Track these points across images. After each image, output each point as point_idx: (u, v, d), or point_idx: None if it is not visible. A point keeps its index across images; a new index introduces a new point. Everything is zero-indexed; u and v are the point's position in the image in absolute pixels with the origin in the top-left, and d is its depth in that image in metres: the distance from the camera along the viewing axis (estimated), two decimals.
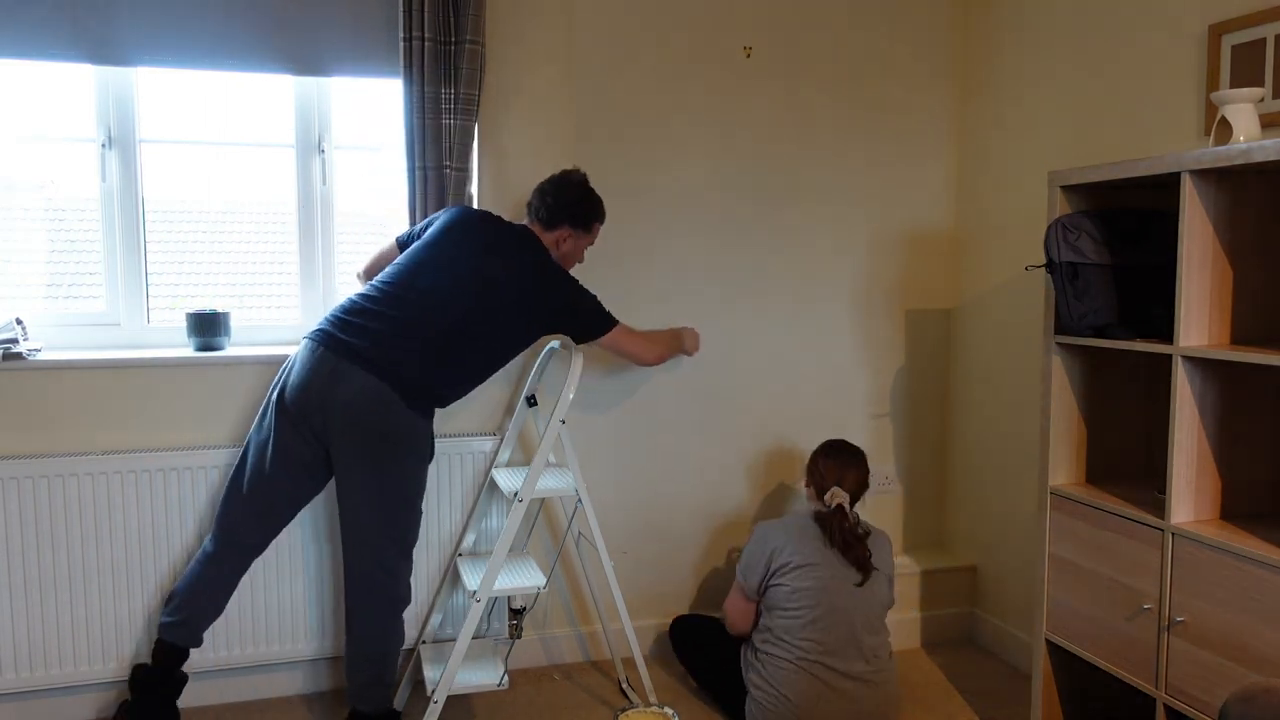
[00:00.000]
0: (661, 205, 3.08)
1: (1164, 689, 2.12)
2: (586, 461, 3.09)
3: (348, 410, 2.29)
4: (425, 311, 2.35)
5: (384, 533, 2.36)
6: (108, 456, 2.61)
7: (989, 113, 3.19)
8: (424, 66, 2.70)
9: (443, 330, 2.36)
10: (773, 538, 2.57)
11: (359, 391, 2.29)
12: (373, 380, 2.29)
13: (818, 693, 2.44)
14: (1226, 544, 1.97)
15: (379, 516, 2.35)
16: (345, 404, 2.30)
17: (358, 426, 2.30)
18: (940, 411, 3.43)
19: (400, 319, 2.35)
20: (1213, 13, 2.39)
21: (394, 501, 2.36)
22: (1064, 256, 2.28)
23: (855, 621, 2.47)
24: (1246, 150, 1.87)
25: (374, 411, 2.29)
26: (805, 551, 2.51)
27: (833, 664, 2.45)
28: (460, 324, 2.37)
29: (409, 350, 2.33)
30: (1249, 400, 2.14)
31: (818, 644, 2.45)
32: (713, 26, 3.07)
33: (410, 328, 2.34)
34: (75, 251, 2.79)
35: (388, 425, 2.30)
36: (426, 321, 2.35)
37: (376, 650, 2.42)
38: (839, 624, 2.46)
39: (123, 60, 2.64)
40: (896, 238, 3.32)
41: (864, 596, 2.50)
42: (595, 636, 3.14)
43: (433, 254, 2.44)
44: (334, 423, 2.31)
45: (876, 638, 2.51)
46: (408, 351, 2.33)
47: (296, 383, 2.35)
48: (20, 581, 2.57)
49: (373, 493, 2.34)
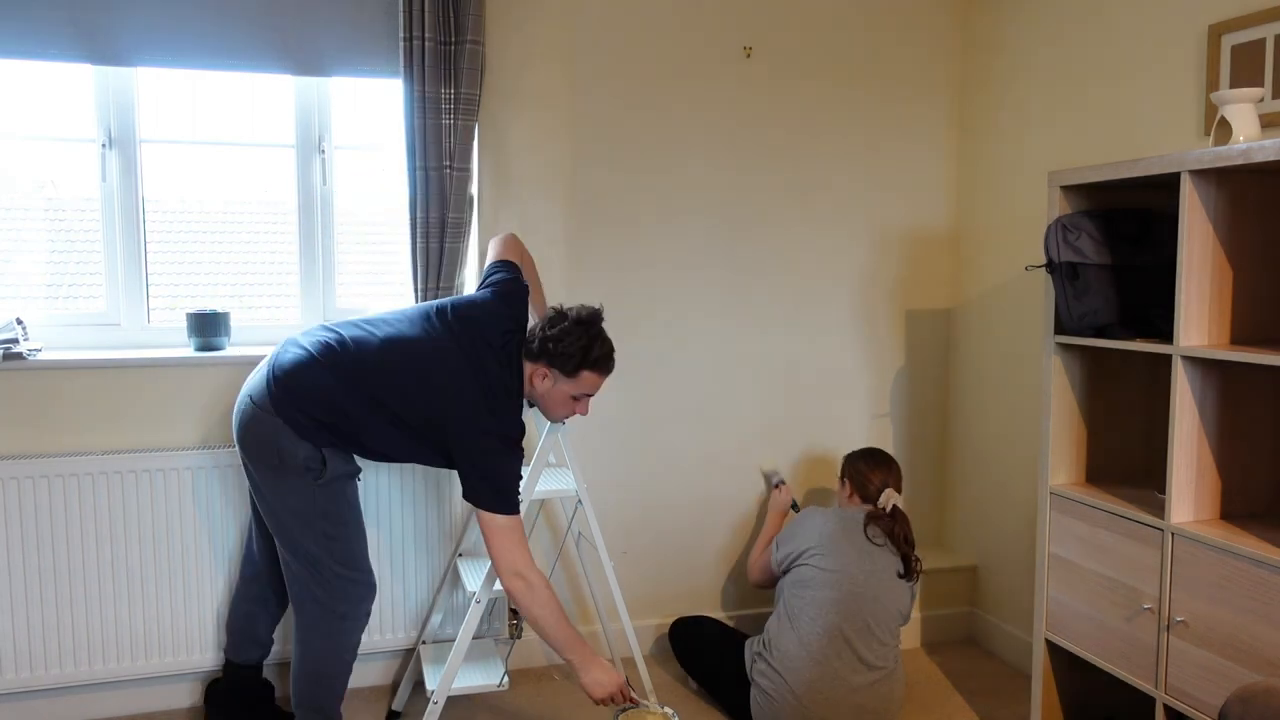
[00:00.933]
0: (661, 205, 3.08)
1: (1164, 689, 2.12)
2: (586, 462, 3.09)
3: (239, 407, 2.30)
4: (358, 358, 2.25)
5: (291, 552, 2.31)
6: (108, 456, 2.61)
7: (989, 113, 3.19)
8: (424, 66, 2.70)
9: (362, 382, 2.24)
10: (818, 526, 2.64)
11: (247, 392, 2.29)
12: (264, 384, 2.26)
13: (825, 685, 2.45)
14: (1226, 544, 1.97)
15: (280, 535, 2.31)
16: (240, 399, 2.31)
17: (237, 425, 2.30)
18: (940, 411, 3.43)
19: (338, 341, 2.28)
20: (1213, 13, 2.39)
21: (288, 520, 2.28)
22: (1064, 256, 2.28)
23: (870, 618, 2.52)
24: (1246, 150, 1.87)
25: (255, 420, 2.25)
26: (842, 545, 2.58)
27: (843, 656, 2.48)
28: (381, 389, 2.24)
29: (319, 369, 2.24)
30: (1249, 400, 2.14)
31: (832, 632, 2.49)
32: (713, 26, 3.07)
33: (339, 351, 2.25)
34: (75, 251, 2.79)
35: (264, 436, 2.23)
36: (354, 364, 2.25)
37: (305, 671, 2.37)
38: (856, 615, 2.51)
39: (123, 60, 2.64)
40: (896, 238, 3.32)
41: (885, 600, 2.55)
42: (595, 636, 3.14)
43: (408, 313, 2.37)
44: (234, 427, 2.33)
45: (885, 646, 2.53)
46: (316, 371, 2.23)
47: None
48: (20, 581, 2.57)
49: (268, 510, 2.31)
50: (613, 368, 2.37)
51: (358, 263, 3.00)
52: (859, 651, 2.49)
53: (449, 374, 2.25)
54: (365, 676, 2.93)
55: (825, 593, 2.53)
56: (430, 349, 2.27)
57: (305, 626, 2.34)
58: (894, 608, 2.57)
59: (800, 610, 2.55)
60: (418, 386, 2.24)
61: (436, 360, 2.26)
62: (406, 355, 2.26)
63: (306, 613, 2.33)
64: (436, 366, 2.25)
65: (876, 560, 2.58)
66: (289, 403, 2.22)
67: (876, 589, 2.55)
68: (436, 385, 2.25)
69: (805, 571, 2.59)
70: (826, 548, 2.59)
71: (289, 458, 2.23)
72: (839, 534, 2.61)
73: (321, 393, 2.23)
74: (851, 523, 2.64)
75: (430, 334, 2.30)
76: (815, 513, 2.70)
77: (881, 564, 2.58)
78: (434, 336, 2.30)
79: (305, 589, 2.32)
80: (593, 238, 3.03)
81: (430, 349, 2.27)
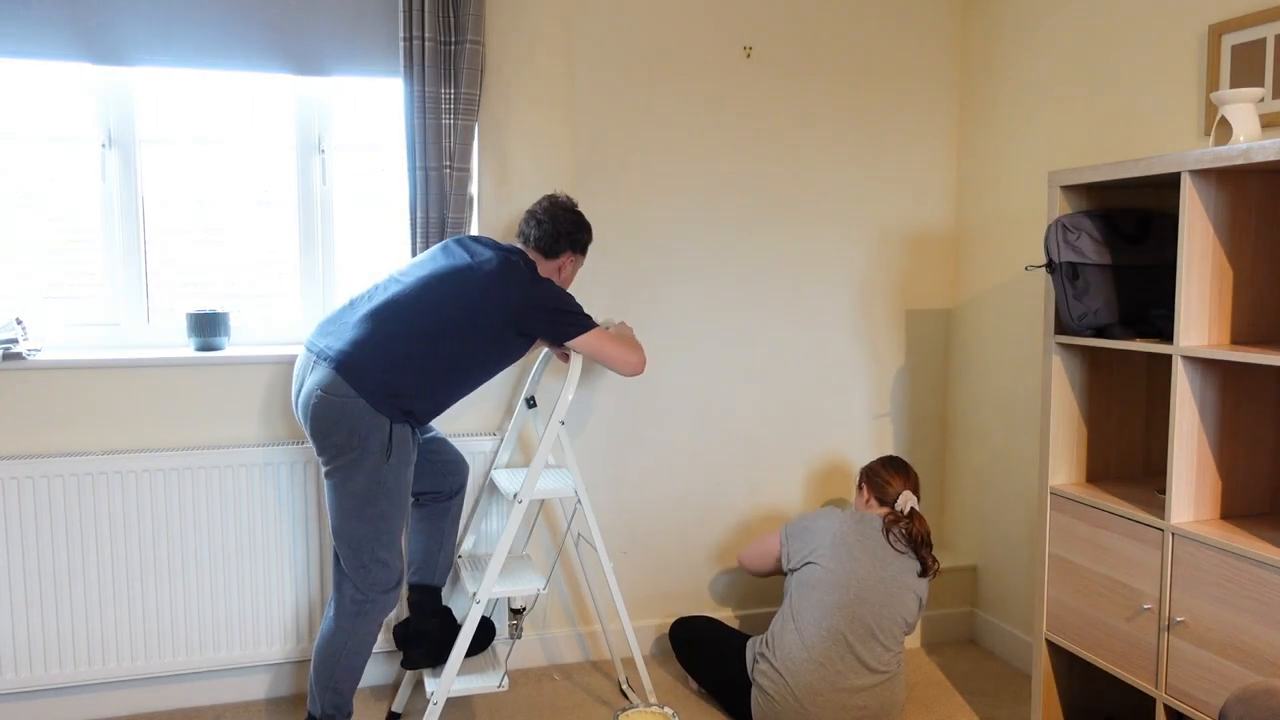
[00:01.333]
0: (661, 205, 3.08)
1: (1164, 689, 2.12)
2: (586, 462, 3.09)
3: (307, 403, 2.33)
4: (392, 309, 2.35)
5: (340, 531, 2.37)
6: (108, 456, 2.61)
7: (989, 113, 3.19)
8: (424, 66, 2.70)
9: (408, 329, 2.34)
10: (833, 527, 2.64)
11: (317, 384, 2.31)
12: (330, 373, 2.30)
13: (826, 687, 2.46)
14: (1226, 544, 1.96)
15: (334, 514, 2.37)
16: (306, 397, 2.33)
17: (313, 420, 2.31)
18: (940, 411, 3.43)
19: (367, 316, 2.35)
20: (1213, 13, 2.39)
21: (344, 500, 2.34)
22: (1064, 256, 2.28)
23: (874, 623, 2.52)
24: (1246, 150, 1.87)
25: (329, 405, 2.29)
26: (854, 548, 2.58)
27: (845, 659, 2.48)
28: (429, 322, 2.35)
29: (371, 345, 2.31)
30: (1249, 400, 2.14)
31: (835, 635, 2.49)
32: (713, 26, 3.07)
33: (376, 325, 2.33)
34: (75, 251, 2.79)
35: (341, 419, 2.29)
36: (392, 318, 2.34)
37: (331, 650, 2.40)
38: (860, 619, 2.51)
39: (123, 60, 2.64)
40: (896, 238, 3.32)
41: (892, 607, 2.54)
42: (595, 636, 3.14)
43: (409, 265, 2.48)
44: (301, 417, 2.37)
45: (889, 651, 2.54)
46: (370, 347, 2.31)
47: (293, 394, 2.45)
48: (20, 581, 2.57)
49: (330, 487, 2.36)
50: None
51: (358, 263, 3.00)
52: (860, 655, 2.49)
53: (491, 271, 2.41)
54: (365, 677, 2.93)
55: (831, 595, 2.54)
56: (466, 265, 2.42)
57: (339, 609, 2.39)
58: (899, 615, 2.56)
59: (804, 611, 2.55)
60: (471, 295, 2.37)
61: (476, 270, 2.40)
62: (446, 280, 2.39)
63: (343, 594, 2.39)
64: (478, 275, 2.40)
65: (889, 566, 2.58)
66: (368, 378, 2.29)
67: (884, 595, 2.54)
68: (485, 282, 2.39)
69: (814, 572, 2.59)
70: (838, 550, 2.59)
71: (369, 439, 2.30)
72: (853, 536, 2.61)
73: (394, 356, 2.31)
74: (868, 526, 2.64)
75: (457, 258, 2.44)
76: (832, 513, 2.70)
77: (894, 570, 2.58)
78: (461, 258, 2.44)
79: (346, 574, 2.38)
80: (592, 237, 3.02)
81: (466, 265, 2.42)
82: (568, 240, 2.58)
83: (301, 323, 2.95)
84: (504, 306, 2.39)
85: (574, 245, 2.60)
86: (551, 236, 2.56)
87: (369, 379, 2.29)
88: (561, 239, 2.56)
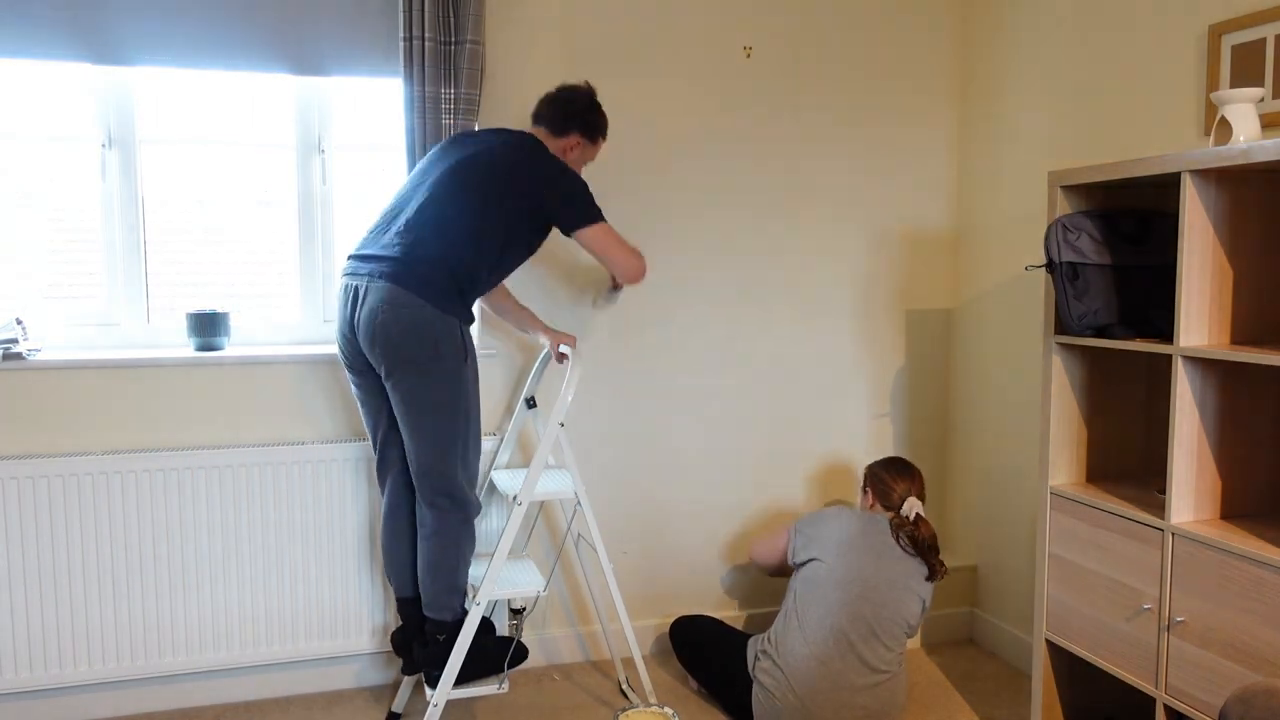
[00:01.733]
0: (660, 205, 3.08)
1: (1164, 689, 2.12)
2: (585, 462, 3.08)
3: (370, 324, 2.30)
4: (428, 210, 2.35)
5: (423, 445, 2.36)
6: (108, 456, 2.61)
7: (989, 113, 3.19)
8: (424, 66, 2.70)
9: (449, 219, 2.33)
10: (842, 527, 2.64)
11: (380, 302, 2.29)
12: (390, 288, 2.29)
13: (827, 686, 2.46)
14: (1226, 544, 1.96)
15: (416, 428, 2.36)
16: (369, 318, 2.30)
17: (382, 338, 2.30)
18: (940, 411, 3.43)
19: (405, 228, 2.35)
20: (1213, 13, 2.39)
21: (424, 411, 2.34)
22: (1064, 256, 2.28)
23: (876, 623, 2.52)
24: (1246, 150, 1.87)
25: (397, 317, 2.28)
26: (860, 548, 2.59)
27: (846, 658, 2.48)
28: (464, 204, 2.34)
29: (421, 247, 2.31)
30: (1249, 400, 2.14)
31: (837, 634, 2.49)
32: (713, 26, 3.07)
33: (418, 229, 2.33)
34: (75, 251, 2.79)
35: (411, 329, 2.28)
36: (432, 217, 2.34)
37: (447, 558, 2.42)
38: (862, 619, 2.51)
39: (123, 60, 2.64)
40: (896, 238, 3.32)
41: (894, 607, 2.54)
42: (595, 636, 3.14)
43: (418, 173, 2.48)
44: (366, 341, 2.33)
45: (891, 651, 2.54)
46: (421, 248, 2.31)
47: (339, 329, 2.42)
48: (20, 582, 2.57)
49: (408, 405, 2.34)
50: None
51: None
52: (862, 654, 2.50)
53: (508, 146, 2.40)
54: (365, 677, 2.93)
55: (834, 592, 2.54)
56: (483, 148, 2.41)
57: (435, 528, 2.41)
58: (901, 615, 2.56)
59: (808, 609, 2.55)
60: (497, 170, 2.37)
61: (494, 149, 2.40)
62: (468, 166, 2.37)
63: (438, 511, 2.41)
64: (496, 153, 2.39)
65: (894, 568, 2.58)
66: (429, 279, 2.28)
67: (887, 595, 2.55)
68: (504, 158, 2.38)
69: (818, 570, 2.59)
70: (843, 548, 2.59)
71: (442, 344, 2.30)
72: (859, 536, 2.61)
73: (445, 247, 2.30)
74: (875, 526, 2.64)
75: (468, 147, 2.42)
76: (841, 512, 2.70)
77: (899, 571, 2.58)
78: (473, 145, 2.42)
79: (435, 491, 2.39)
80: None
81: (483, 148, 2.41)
82: (579, 121, 2.52)
83: (301, 323, 2.95)
84: (521, 179, 2.37)
85: (584, 128, 2.54)
86: (562, 115, 2.51)
87: (430, 279, 2.28)
88: (572, 118, 2.52)
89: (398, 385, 2.33)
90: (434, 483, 2.39)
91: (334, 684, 2.90)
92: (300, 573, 2.78)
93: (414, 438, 2.37)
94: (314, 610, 2.80)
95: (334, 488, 2.79)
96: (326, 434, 2.84)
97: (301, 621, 2.79)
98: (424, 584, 2.45)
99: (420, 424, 2.34)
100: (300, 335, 2.95)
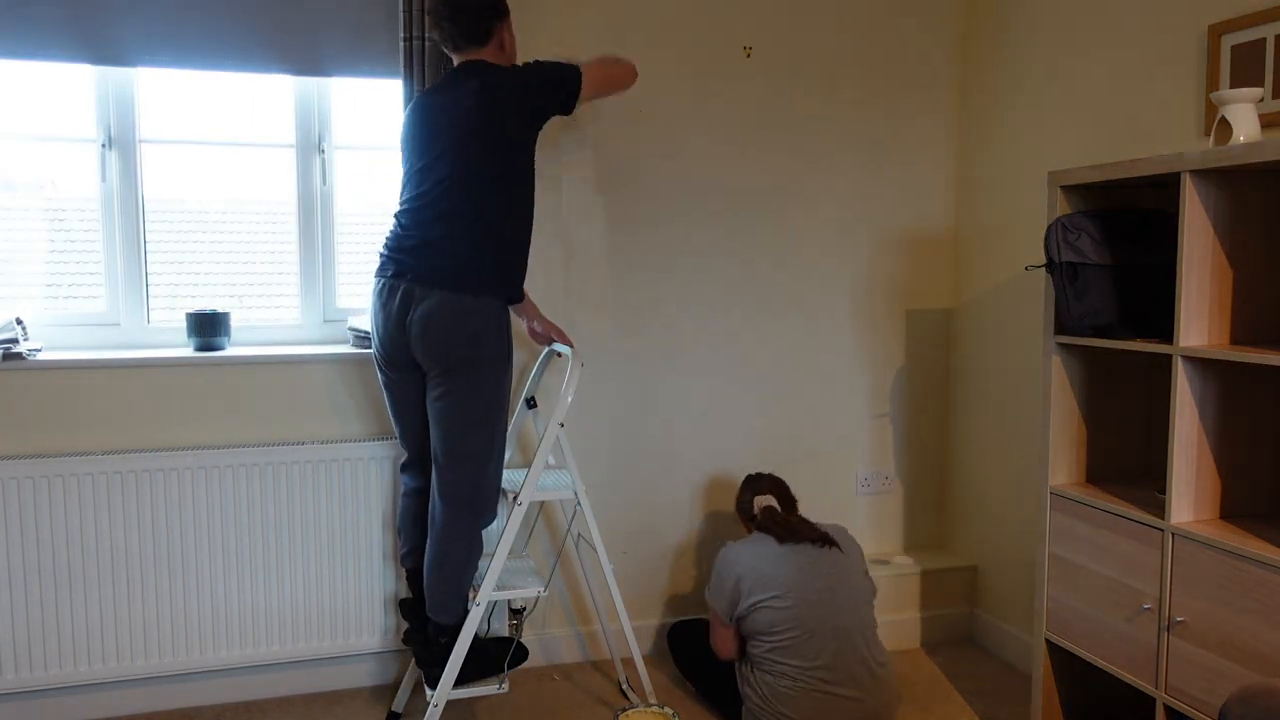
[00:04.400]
0: (660, 205, 3.08)
1: (1164, 689, 2.12)
2: (585, 462, 3.08)
3: (424, 326, 2.31)
4: (454, 195, 2.32)
5: (458, 446, 2.38)
6: (108, 456, 2.61)
7: (989, 113, 3.19)
8: (424, 66, 2.70)
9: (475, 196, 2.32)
10: (737, 563, 2.54)
11: (436, 306, 2.30)
12: (443, 294, 2.29)
13: (816, 705, 2.42)
14: (1226, 544, 1.97)
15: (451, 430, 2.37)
16: (423, 321, 2.31)
17: (435, 340, 2.31)
18: (940, 411, 3.43)
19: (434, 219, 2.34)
20: (1213, 13, 2.39)
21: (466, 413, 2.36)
22: (1064, 256, 2.28)
23: (844, 630, 2.44)
24: (1246, 150, 1.87)
25: (454, 319, 2.29)
26: (771, 573, 2.48)
27: (832, 680, 2.42)
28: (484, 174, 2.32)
29: (456, 239, 2.31)
30: (1249, 400, 2.14)
31: (812, 665, 2.42)
32: (713, 26, 3.07)
33: (451, 218, 2.32)
34: (75, 251, 2.79)
35: (461, 328, 2.30)
36: (459, 203, 2.32)
37: (455, 564, 2.43)
38: (829, 640, 2.43)
39: (123, 60, 2.64)
40: (896, 238, 3.32)
41: (845, 598, 2.47)
42: (595, 637, 3.14)
43: (420, 147, 2.42)
44: (421, 343, 2.33)
45: (869, 649, 2.47)
46: (460, 242, 2.31)
47: (383, 327, 2.41)
48: (20, 582, 2.57)
49: (449, 406, 2.36)
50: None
51: (358, 263, 3.00)
52: (850, 672, 2.43)
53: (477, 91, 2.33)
54: (365, 677, 2.93)
55: (791, 634, 2.43)
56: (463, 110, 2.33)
57: (450, 528, 2.41)
58: (859, 600, 2.48)
59: (778, 654, 2.43)
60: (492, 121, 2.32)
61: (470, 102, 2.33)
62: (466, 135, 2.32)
63: (457, 512, 2.40)
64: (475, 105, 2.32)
65: (820, 565, 2.49)
66: (478, 270, 2.30)
67: (836, 595, 2.45)
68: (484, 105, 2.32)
69: (759, 619, 2.46)
70: (762, 573, 2.48)
71: (485, 344, 2.32)
72: (768, 556, 2.50)
73: (481, 227, 2.31)
74: (758, 549, 2.53)
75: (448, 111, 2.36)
76: (731, 547, 2.59)
77: (826, 566, 2.49)
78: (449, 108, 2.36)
79: (455, 492, 2.39)
80: (591, 238, 3.03)
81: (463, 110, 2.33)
82: (490, 14, 2.40)
83: (301, 323, 2.95)
84: (513, 111, 2.33)
85: (497, 14, 2.42)
86: (476, 22, 2.39)
87: (480, 270, 2.31)
88: (483, 17, 2.39)
89: (438, 387, 2.35)
90: (459, 481, 2.39)
91: (334, 684, 2.90)
92: (300, 572, 2.78)
93: (449, 436, 2.37)
94: (313, 610, 2.80)
95: (334, 488, 2.79)
96: (326, 434, 2.84)
97: (301, 621, 2.79)
98: (429, 583, 2.46)
99: (457, 423, 2.36)
100: (300, 335, 2.95)
